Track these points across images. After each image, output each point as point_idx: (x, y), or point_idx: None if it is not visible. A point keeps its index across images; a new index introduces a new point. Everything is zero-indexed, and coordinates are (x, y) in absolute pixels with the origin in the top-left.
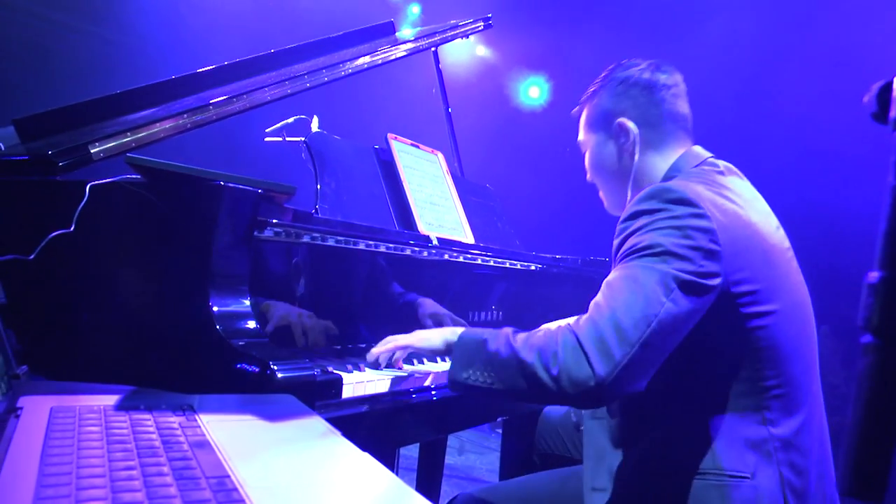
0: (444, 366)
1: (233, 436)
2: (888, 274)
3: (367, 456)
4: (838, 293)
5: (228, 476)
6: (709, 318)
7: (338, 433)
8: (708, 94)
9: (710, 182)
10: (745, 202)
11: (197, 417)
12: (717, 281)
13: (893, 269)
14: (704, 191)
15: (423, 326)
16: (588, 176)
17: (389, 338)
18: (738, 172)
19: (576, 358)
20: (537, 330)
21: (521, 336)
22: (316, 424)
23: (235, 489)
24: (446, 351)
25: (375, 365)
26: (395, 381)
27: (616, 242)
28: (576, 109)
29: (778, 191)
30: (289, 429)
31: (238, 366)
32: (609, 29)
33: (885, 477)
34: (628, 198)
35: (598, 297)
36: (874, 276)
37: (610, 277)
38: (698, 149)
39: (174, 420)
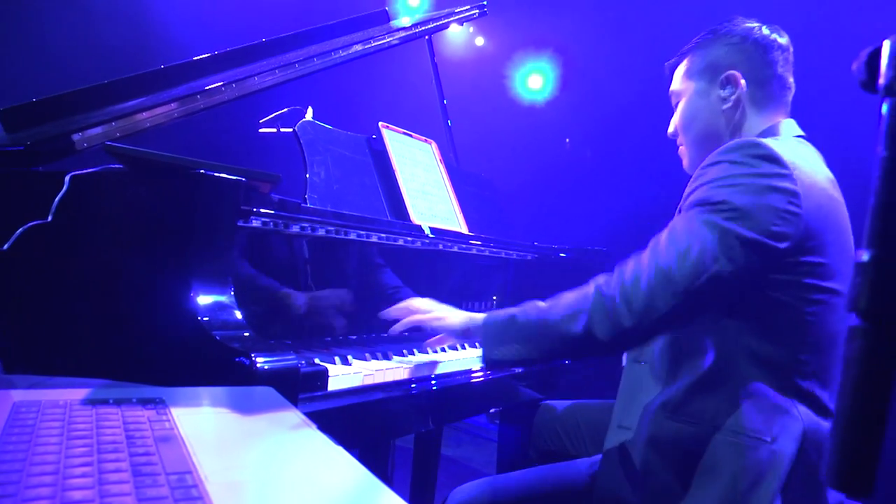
0: (435, 356)
1: (202, 429)
2: (878, 252)
3: (339, 449)
4: None
5: (190, 472)
6: (768, 278)
7: (313, 426)
8: None
9: (803, 153)
10: (831, 182)
11: (168, 411)
12: (785, 244)
13: (884, 246)
14: (795, 156)
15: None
16: (671, 129)
17: (410, 304)
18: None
19: (606, 301)
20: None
21: (550, 301)
22: (291, 417)
23: (195, 485)
24: (463, 335)
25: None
26: (387, 372)
27: (691, 187)
28: (673, 60)
29: None
30: (263, 422)
31: (219, 357)
32: (609, 18)
33: (874, 470)
34: None
35: (659, 238)
36: (863, 254)
37: (675, 223)
38: (793, 122)
39: (142, 414)
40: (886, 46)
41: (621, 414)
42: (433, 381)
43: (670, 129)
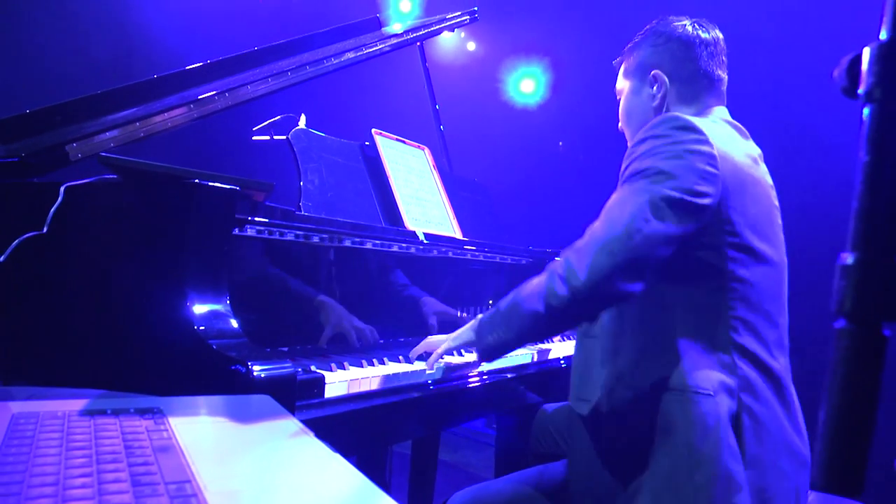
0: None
1: (200, 439)
2: (861, 255)
3: (337, 457)
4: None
5: (189, 481)
6: (695, 240)
7: (310, 434)
8: None
9: (722, 128)
10: (752, 158)
11: (165, 421)
12: (707, 201)
13: (867, 249)
14: (713, 128)
15: (427, 325)
16: (619, 124)
17: (430, 342)
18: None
19: (557, 276)
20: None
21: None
22: (289, 425)
23: (194, 495)
24: (476, 337)
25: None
26: (383, 379)
27: (624, 164)
28: (618, 59)
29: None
30: (260, 430)
31: (216, 366)
32: (600, 21)
33: (863, 470)
34: None
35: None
36: (847, 257)
37: (610, 199)
38: (724, 110)
39: (140, 424)
40: (866, 54)
41: (579, 387)
42: (430, 387)
43: (619, 125)
